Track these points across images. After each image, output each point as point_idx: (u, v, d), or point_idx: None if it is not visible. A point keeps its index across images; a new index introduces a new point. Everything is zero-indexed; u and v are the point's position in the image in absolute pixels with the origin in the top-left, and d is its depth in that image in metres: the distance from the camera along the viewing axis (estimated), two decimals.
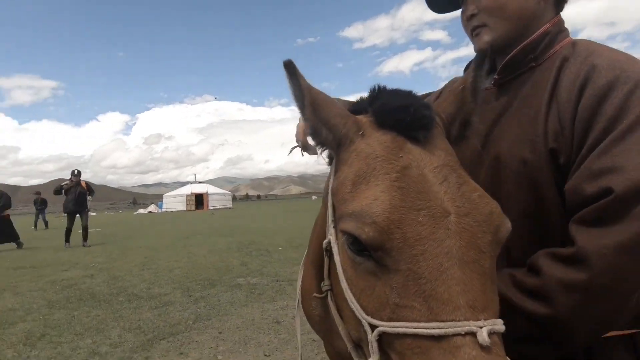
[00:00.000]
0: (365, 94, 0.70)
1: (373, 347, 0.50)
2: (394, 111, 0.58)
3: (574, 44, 0.77)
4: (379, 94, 0.66)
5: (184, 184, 52.73)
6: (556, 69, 0.74)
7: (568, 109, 0.68)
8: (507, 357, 0.48)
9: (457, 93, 0.64)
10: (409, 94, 0.64)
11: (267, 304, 3.91)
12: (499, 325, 0.47)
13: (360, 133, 0.60)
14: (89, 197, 9.85)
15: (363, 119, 0.63)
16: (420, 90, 1.06)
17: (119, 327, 3.35)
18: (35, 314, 3.84)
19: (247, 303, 3.97)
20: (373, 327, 0.49)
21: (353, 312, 0.54)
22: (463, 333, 0.44)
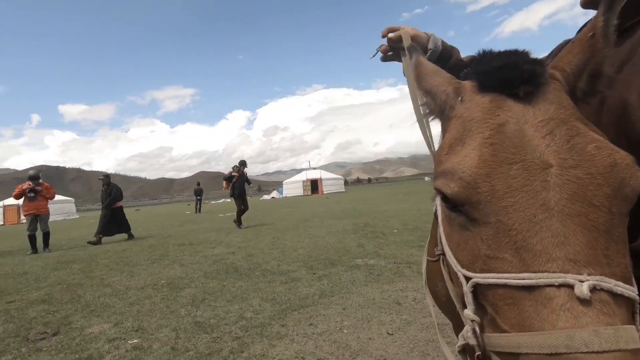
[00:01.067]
0: None
1: (468, 298, 0.51)
2: (493, 71, 0.58)
3: None
4: (482, 57, 0.66)
5: (299, 170, 56.44)
6: None
7: None
8: (635, 326, 0.41)
9: (584, 41, 0.57)
10: (512, 52, 0.61)
11: (386, 285, 3.98)
12: (613, 284, 0.42)
13: (459, 99, 0.61)
14: (251, 186, 11.40)
15: (466, 84, 0.63)
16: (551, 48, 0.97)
17: (258, 297, 3.88)
18: (196, 282, 4.73)
19: (367, 283, 4.11)
20: (468, 279, 0.51)
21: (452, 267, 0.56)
22: (557, 284, 0.42)
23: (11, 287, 5.23)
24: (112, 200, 9.97)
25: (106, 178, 10.22)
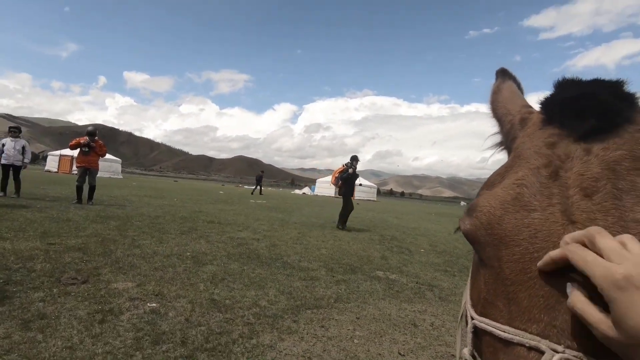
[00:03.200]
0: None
1: (468, 338, 0.51)
2: (560, 103, 0.51)
3: None
4: (560, 85, 0.57)
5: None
6: None
7: None
8: None
9: None
10: (591, 82, 0.53)
11: (405, 304, 3.86)
12: None
13: (523, 130, 0.57)
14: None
15: (536, 114, 0.57)
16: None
17: (275, 288, 3.89)
18: (218, 260, 4.84)
19: (385, 297, 4.01)
20: (471, 318, 0.51)
21: None
22: (527, 346, 0.41)
23: (54, 230, 5.63)
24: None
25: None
